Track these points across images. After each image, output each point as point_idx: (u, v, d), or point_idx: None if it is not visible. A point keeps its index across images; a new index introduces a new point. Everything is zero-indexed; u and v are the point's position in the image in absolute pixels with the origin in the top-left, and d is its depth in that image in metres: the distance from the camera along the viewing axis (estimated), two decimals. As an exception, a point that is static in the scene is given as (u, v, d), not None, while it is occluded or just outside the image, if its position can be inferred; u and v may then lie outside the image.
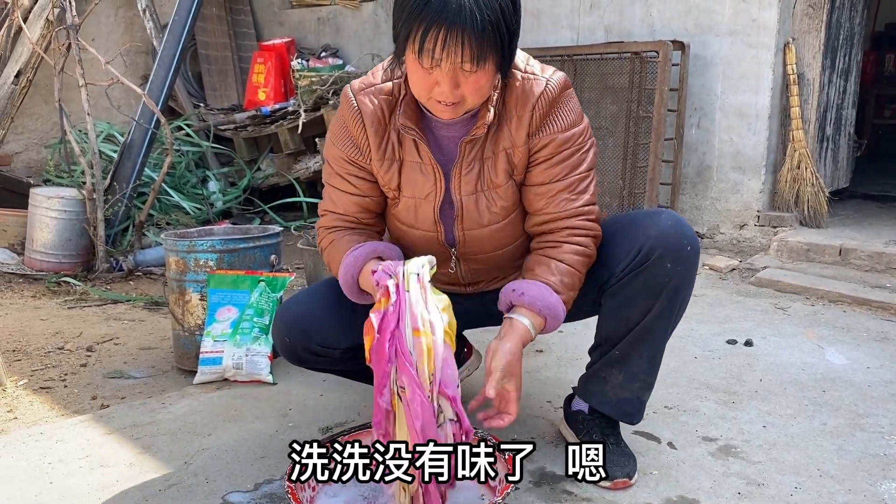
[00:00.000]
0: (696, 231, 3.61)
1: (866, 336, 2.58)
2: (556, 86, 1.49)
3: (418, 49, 1.30)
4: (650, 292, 1.51)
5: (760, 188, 3.48)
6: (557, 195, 1.52)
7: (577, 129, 1.51)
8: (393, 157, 1.55)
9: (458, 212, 1.58)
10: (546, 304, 1.47)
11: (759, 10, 3.35)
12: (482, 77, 1.34)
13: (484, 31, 1.27)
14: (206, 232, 2.49)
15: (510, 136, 1.50)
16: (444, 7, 1.25)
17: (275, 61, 5.12)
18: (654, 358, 1.62)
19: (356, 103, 1.52)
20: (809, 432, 1.90)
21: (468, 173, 1.54)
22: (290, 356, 1.70)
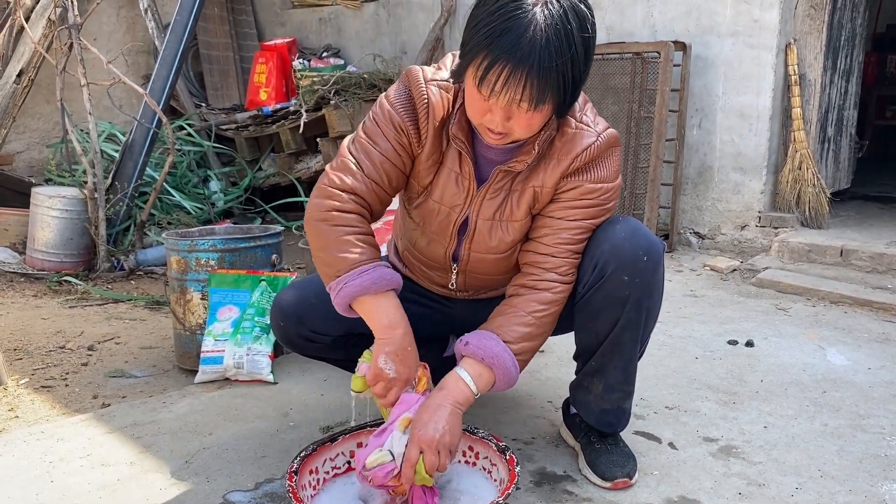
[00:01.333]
0: (697, 231, 3.64)
1: (867, 337, 2.58)
2: (604, 142, 1.46)
3: (480, 78, 1.27)
4: (613, 306, 1.51)
5: (761, 189, 3.48)
6: (560, 231, 1.50)
7: (606, 186, 1.49)
8: (438, 158, 1.52)
9: (470, 233, 1.57)
10: (490, 353, 1.44)
11: (760, 11, 3.35)
12: (536, 116, 1.32)
13: (549, 75, 1.24)
14: (208, 231, 2.49)
15: (543, 176, 1.48)
16: (517, 45, 1.22)
17: (276, 61, 5.12)
18: (628, 368, 1.62)
19: (427, 92, 1.45)
20: (810, 433, 1.90)
21: (491, 199, 1.52)
22: (285, 340, 1.72)
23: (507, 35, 1.23)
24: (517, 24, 1.22)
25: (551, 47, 1.23)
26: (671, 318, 2.77)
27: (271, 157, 4.89)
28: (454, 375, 1.45)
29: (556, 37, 1.23)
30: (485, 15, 1.27)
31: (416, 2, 4.76)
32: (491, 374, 1.46)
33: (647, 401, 2.08)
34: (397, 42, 4.94)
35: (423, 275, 1.76)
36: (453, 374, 1.46)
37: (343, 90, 4.34)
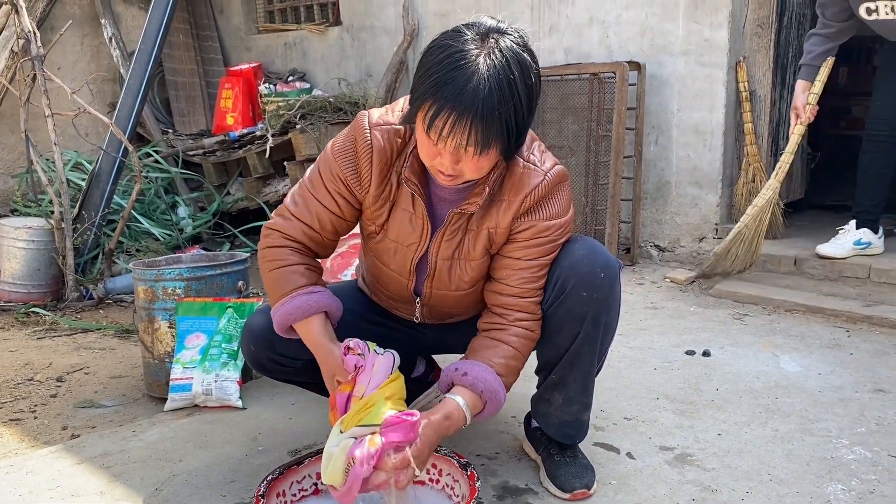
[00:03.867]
0: (657, 244, 3.75)
1: (819, 343, 2.68)
2: (551, 180, 1.54)
3: (427, 124, 1.34)
4: (573, 320, 1.58)
5: (717, 202, 3.59)
6: (521, 271, 1.58)
7: (559, 222, 1.57)
8: (388, 197, 1.59)
9: (430, 272, 1.64)
10: (487, 385, 1.51)
11: (710, 31, 3.47)
12: (484, 160, 1.39)
13: (492, 122, 1.31)
14: (174, 260, 2.53)
15: (496, 218, 1.55)
16: (461, 93, 1.29)
17: (242, 86, 5.17)
18: (587, 381, 1.70)
19: (370, 137, 1.53)
20: (762, 438, 1.98)
21: (449, 240, 1.59)
22: (255, 364, 1.77)
23: (451, 84, 1.30)
24: (461, 74, 1.30)
25: (493, 96, 1.29)
26: (632, 331, 2.86)
27: (239, 181, 4.92)
28: (456, 405, 1.50)
29: (498, 85, 1.30)
30: (432, 64, 1.34)
31: (380, 26, 4.84)
32: (481, 405, 1.53)
33: (607, 412, 2.15)
34: (362, 65, 5.01)
35: (388, 304, 1.83)
36: (456, 404, 1.50)
37: (309, 114, 4.39)
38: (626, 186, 3.75)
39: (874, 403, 2.17)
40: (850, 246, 3.19)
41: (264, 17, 5.78)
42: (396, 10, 4.70)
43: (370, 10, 4.88)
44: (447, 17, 4.46)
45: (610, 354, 2.58)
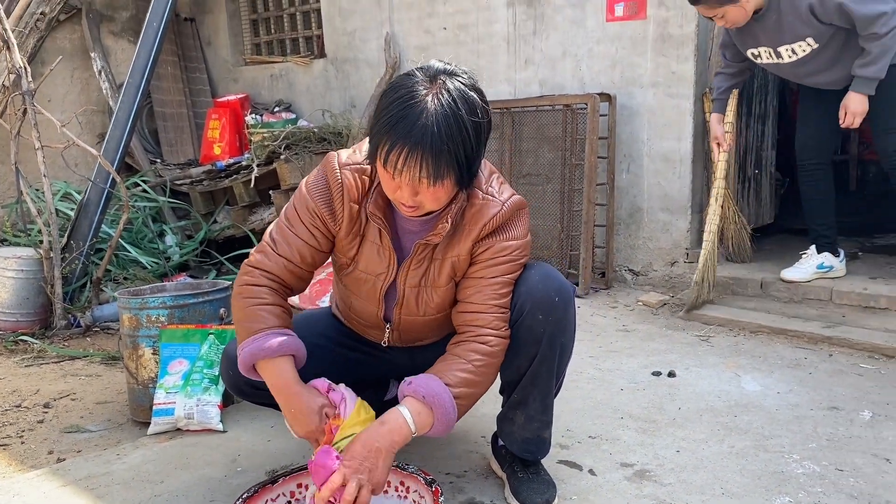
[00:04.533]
0: (631, 269, 3.87)
1: (781, 363, 2.78)
2: (508, 209, 1.65)
3: (384, 159, 1.46)
4: (531, 342, 1.69)
5: (688, 227, 3.72)
6: (484, 289, 1.67)
7: (516, 243, 1.67)
8: (358, 231, 1.70)
9: (399, 300, 1.75)
10: (430, 391, 1.56)
11: (677, 64, 3.62)
12: (440, 190, 1.50)
13: (441, 154, 1.43)
14: (158, 288, 2.62)
15: (458, 247, 1.67)
16: (411, 129, 1.42)
17: (229, 117, 5.30)
18: (546, 400, 1.79)
19: (341, 177, 1.65)
20: (718, 454, 2.08)
21: (416, 269, 1.70)
22: (234, 388, 1.86)
23: (403, 121, 1.42)
24: (412, 112, 1.42)
25: (441, 131, 1.42)
26: (602, 353, 2.96)
27: (226, 209, 5.03)
28: (396, 412, 1.57)
29: (445, 121, 1.42)
30: (386, 105, 1.47)
31: (363, 58, 4.99)
32: (430, 414, 1.57)
33: (573, 432, 2.24)
34: (346, 96, 5.15)
35: (360, 330, 1.94)
36: (395, 412, 1.57)
37: (294, 144, 4.52)
38: (600, 213, 3.88)
39: (827, 420, 2.28)
40: (813, 270, 3.32)
41: (251, 50, 5.93)
42: (378, 43, 4.85)
43: (353, 44, 5.03)
44: (427, 50, 4.61)
45: (580, 376, 2.71)
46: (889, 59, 2.80)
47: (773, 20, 2.92)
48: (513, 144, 4.12)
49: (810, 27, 2.87)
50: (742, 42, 3.13)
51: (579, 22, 3.92)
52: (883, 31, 2.74)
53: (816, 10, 2.81)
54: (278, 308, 1.68)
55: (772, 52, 3.04)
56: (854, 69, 2.89)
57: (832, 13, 2.80)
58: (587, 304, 3.65)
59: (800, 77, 3.13)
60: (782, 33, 2.94)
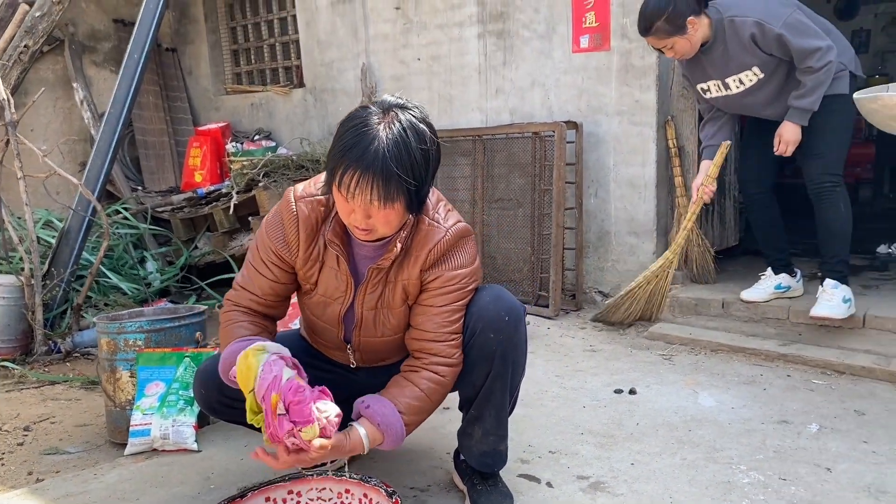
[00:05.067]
0: (600, 290, 3.99)
1: (737, 380, 2.90)
2: (452, 236, 1.78)
3: (338, 182, 1.59)
4: (484, 360, 1.80)
5: (653, 250, 3.85)
6: (434, 317, 1.80)
7: (464, 272, 1.80)
8: (317, 259, 1.83)
9: (357, 322, 1.87)
10: (385, 420, 1.70)
11: (640, 93, 3.78)
12: (391, 213, 1.63)
13: (391, 178, 1.56)
14: (136, 314, 2.71)
15: (408, 271, 1.79)
16: (363, 154, 1.55)
17: (210, 145, 5.40)
18: (500, 414, 1.90)
19: (296, 209, 1.79)
20: (670, 466, 2.18)
21: (371, 293, 1.82)
22: (207, 407, 1.96)
23: (356, 147, 1.56)
24: (364, 139, 1.56)
25: (391, 156, 1.55)
26: (568, 372, 3.07)
27: (206, 236, 5.12)
28: (355, 431, 1.70)
29: (395, 148, 1.55)
30: (342, 133, 1.61)
31: (340, 88, 5.13)
32: (381, 436, 1.72)
33: (535, 447, 2.34)
34: (324, 124, 5.28)
35: (326, 351, 2.04)
36: (356, 432, 1.70)
37: (272, 171, 4.63)
38: (570, 236, 4.01)
39: (776, 433, 2.39)
40: (771, 290, 3.45)
41: (232, 79, 6.06)
42: (355, 73, 4.99)
43: (331, 74, 5.17)
44: (402, 80, 4.76)
45: (545, 394, 2.82)
46: (822, 92, 2.94)
47: (719, 51, 3.04)
48: (485, 170, 4.25)
49: (754, 56, 2.99)
50: (692, 76, 3.25)
51: (547, 53, 4.08)
52: (817, 65, 2.86)
53: (758, 39, 2.93)
54: (249, 323, 1.84)
55: (720, 84, 3.15)
56: (790, 100, 3.01)
57: (772, 43, 2.92)
58: (557, 326, 3.76)
59: (748, 108, 3.24)
60: (728, 64, 3.05)
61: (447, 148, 4.41)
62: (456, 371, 1.82)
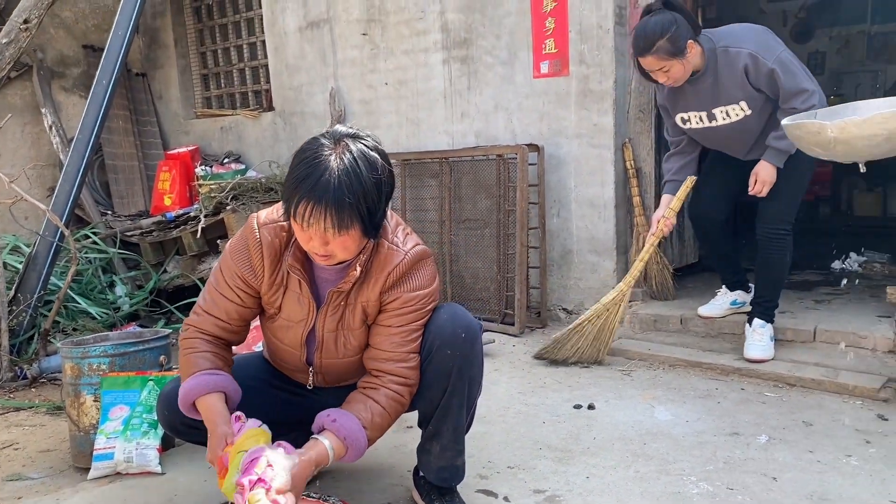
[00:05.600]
0: (565, 308, 4.07)
1: (693, 394, 2.99)
2: (410, 259, 1.85)
3: (293, 213, 1.66)
4: (441, 376, 1.87)
5: (614, 268, 3.95)
6: (391, 337, 1.86)
7: (422, 293, 1.86)
8: (281, 283, 1.89)
9: (318, 344, 1.92)
10: (351, 434, 1.76)
11: (598, 117, 3.89)
12: (347, 240, 1.70)
13: (343, 206, 1.62)
14: (102, 338, 2.74)
15: (368, 293, 1.86)
16: (315, 184, 1.62)
17: (180, 168, 5.44)
18: (457, 430, 1.97)
19: (259, 235, 1.85)
20: (623, 479, 2.25)
21: (332, 315, 1.88)
22: (170, 428, 2.02)
23: (309, 178, 1.63)
24: (316, 170, 1.63)
25: (343, 185, 1.62)
26: (531, 389, 3.14)
27: (176, 259, 5.14)
28: (322, 445, 1.74)
29: (346, 177, 1.62)
30: (295, 165, 1.68)
31: (309, 111, 5.20)
32: (345, 449, 1.77)
33: (494, 463, 2.40)
34: (294, 147, 5.27)
35: (288, 373, 2.10)
36: (321, 444, 1.75)
37: (241, 195, 4.68)
38: (534, 255, 4.09)
39: (727, 445, 2.48)
40: (727, 306, 3.56)
41: (202, 103, 6.11)
42: (324, 97, 5.07)
43: (300, 98, 5.24)
44: (370, 103, 4.84)
45: (507, 411, 2.88)
46: None
47: (709, 82, 2.96)
48: (452, 191, 4.34)
49: (744, 90, 2.94)
50: (673, 105, 3.16)
51: (509, 78, 4.19)
52: (802, 107, 2.78)
53: (750, 72, 2.88)
54: (211, 354, 1.89)
55: (703, 115, 3.07)
56: (769, 140, 2.97)
57: (763, 78, 2.87)
58: (522, 343, 3.83)
59: (727, 143, 3.17)
60: (717, 95, 2.98)
61: (415, 169, 4.49)
62: (412, 391, 1.89)
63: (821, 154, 2.21)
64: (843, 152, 2.13)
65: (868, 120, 2.01)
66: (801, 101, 2.82)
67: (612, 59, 3.81)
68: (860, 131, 2.03)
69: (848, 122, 2.05)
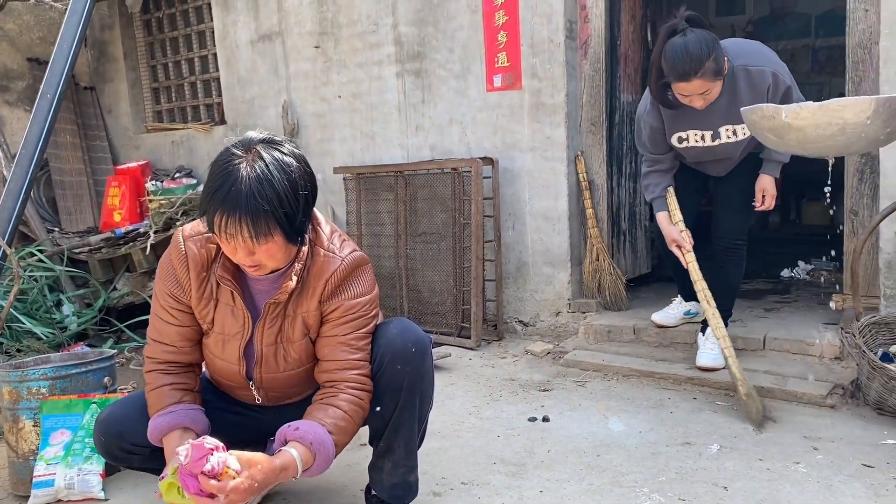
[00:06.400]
0: (521, 320, 4.07)
1: (647, 404, 3.01)
2: (348, 265, 1.82)
3: (212, 226, 1.63)
4: (392, 391, 1.85)
5: (568, 279, 3.97)
6: (339, 346, 1.83)
7: (363, 300, 1.84)
8: (210, 296, 1.84)
9: (258, 358, 1.88)
10: (317, 439, 1.70)
11: (551, 130, 3.92)
12: (272, 247, 1.66)
13: (259, 214, 1.59)
14: (42, 360, 2.65)
15: (306, 303, 1.82)
16: (228, 195, 1.58)
17: (129, 184, 5.33)
18: (409, 445, 1.95)
19: (184, 248, 1.82)
20: (577, 492, 2.25)
21: (270, 328, 1.84)
22: (107, 454, 1.96)
23: (220, 189, 1.60)
24: (227, 180, 1.60)
25: (255, 193, 1.58)
26: (486, 402, 3.12)
27: (125, 276, 5.02)
28: (288, 454, 1.68)
29: (258, 184, 1.59)
30: (208, 177, 1.65)
31: (262, 125, 5.13)
32: (312, 459, 1.70)
33: (448, 479, 2.38)
34: (247, 161, 5.26)
35: (230, 391, 2.05)
36: (287, 454, 1.68)
37: (192, 210, 4.60)
38: (490, 268, 4.09)
39: (679, 455, 2.49)
40: (680, 315, 3.60)
41: (152, 117, 6.00)
42: (277, 110, 5.02)
43: (252, 111, 5.18)
44: (324, 116, 4.81)
45: (461, 425, 2.86)
46: None
47: (723, 101, 2.82)
48: (407, 205, 4.32)
49: None
50: (671, 124, 2.99)
51: (463, 92, 4.20)
52: None
53: (770, 90, 2.79)
54: (168, 388, 1.86)
55: (708, 134, 2.94)
56: (770, 153, 2.97)
57: (780, 96, 2.81)
58: (478, 356, 3.83)
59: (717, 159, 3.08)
60: (730, 114, 2.84)
61: (371, 183, 4.47)
62: (370, 396, 1.85)
63: (774, 142, 2.22)
64: (797, 140, 2.11)
65: (823, 106, 2.00)
66: None
67: (564, 72, 3.84)
68: (814, 119, 2.02)
69: (803, 107, 2.04)
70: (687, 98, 2.76)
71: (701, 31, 2.69)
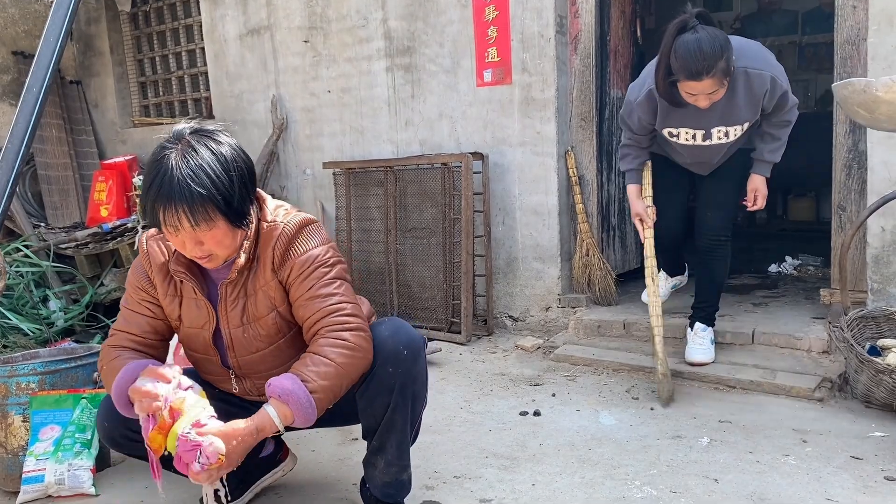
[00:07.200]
0: (511, 315, 4.08)
1: (637, 399, 3.02)
2: (290, 228, 1.82)
3: (153, 221, 1.64)
4: (383, 392, 1.85)
5: (558, 274, 3.98)
6: (308, 302, 1.80)
7: (314, 252, 1.82)
8: (175, 293, 1.87)
9: (229, 344, 1.88)
10: (285, 391, 1.65)
11: (541, 125, 3.93)
12: (217, 233, 1.67)
13: (194, 201, 1.59)
14: (31, 355, 2.63)
15: (263, 276, 1.82)
16: (160, 186, 1.59)
17: (116, 178, 5.28)
18: (402, 445, 1.94)
19: (147, 248, 1.87)
20: (569, 485, 2.26)
21: (233, 309, 1.85)
22: (109, 440, 1.95)
23: (154, 183, 1.61)
24: (158, 171, 1.61)
25: (187, 180, 1.59)
26: (477, 397, 3.13)
27: (113, 272, 4.98)
28: (263, 411, 1.67)
29: (190, 171, 1.60)
30: (145, 174, 1.66)
31: (251, 119, 5.12)
32: (289, 410, 1.66)
33: (440, 473, 2.39)
34: (235, 156, 5.23)
35: (215, 383, 2.05)
36: (262, 411, 1.67)
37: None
38: (480, 263, 4.10)
39: (670, 448, 2.51)
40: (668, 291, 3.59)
41: (140, 112, 5.96)
42: (266, 105, 4.99)
43: (241, 106, 5.15)
44: (313, 111, 4.79)
45: (453, 420, 2.86)
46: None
47: (720, 102, 2.76)
48: (397, 200, 4.31)
49: (753, 113, 2.84)
50: (663, 120, 2.93)
51: (453, 87, 4.19)
52: (794, 119, 2.87)
53: (767, 95, 2.77)
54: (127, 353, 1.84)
55: (699, 133, 2.90)
56: (763, 154, 2.97)
57: (775, 99, 2.79)
58: (469, 351, 3.83)
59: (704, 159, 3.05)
60: (726, 115, 2.83)
61: (360, 178, 4.46)
62: (362, 334, 1.77)
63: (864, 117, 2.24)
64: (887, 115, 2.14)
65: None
66: (793, 113, 2.88)
67: (554, 67, 3.85)
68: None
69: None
70: (693, 97, 2.71)
71: (713, 30, 2.64)
